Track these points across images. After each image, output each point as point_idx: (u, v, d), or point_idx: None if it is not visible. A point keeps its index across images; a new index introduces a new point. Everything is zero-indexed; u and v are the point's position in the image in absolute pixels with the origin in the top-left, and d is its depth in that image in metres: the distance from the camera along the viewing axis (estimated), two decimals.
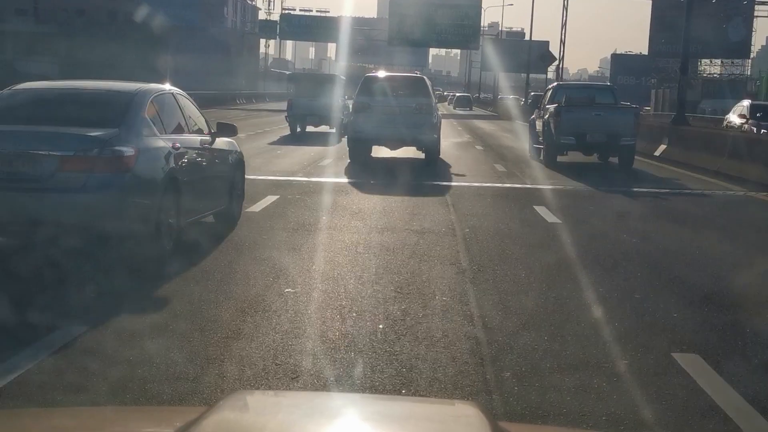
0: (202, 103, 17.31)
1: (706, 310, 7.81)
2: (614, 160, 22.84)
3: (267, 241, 10.34)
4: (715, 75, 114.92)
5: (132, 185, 8.32)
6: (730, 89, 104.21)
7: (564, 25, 51.37)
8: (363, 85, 21.30)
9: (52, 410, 3.52)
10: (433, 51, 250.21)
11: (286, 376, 5.59)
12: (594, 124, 21.71)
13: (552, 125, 21.96)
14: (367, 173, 18.38)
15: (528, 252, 10.24)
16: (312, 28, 71.55)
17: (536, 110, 25.64)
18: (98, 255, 8.31)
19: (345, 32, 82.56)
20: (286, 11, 71.27)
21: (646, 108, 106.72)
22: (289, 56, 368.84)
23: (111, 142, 8.29)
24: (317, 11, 71.91)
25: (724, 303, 8.12)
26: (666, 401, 5.45)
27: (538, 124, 24.11)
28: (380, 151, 22.23)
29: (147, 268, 8.38)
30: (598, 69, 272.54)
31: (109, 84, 10.37)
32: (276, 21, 71.90)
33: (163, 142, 9.05)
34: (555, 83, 30.44)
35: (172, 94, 10.19)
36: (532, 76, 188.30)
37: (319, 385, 5.50)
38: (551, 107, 22.71)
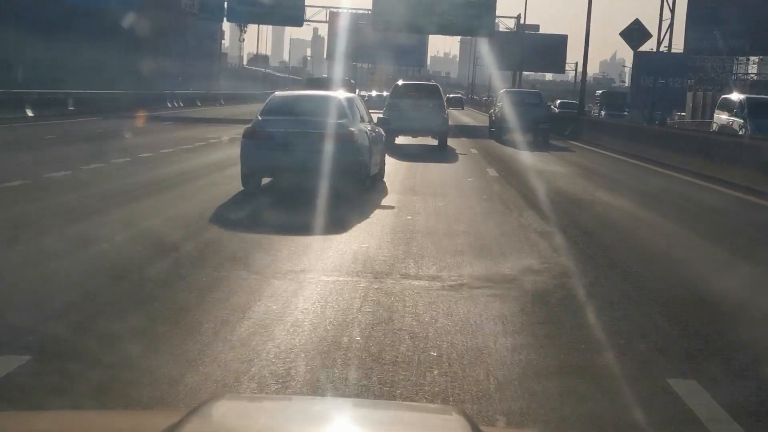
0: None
1: None
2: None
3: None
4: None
5: (355, 149, 14.16)
6: None
7: None
8: (393, 90, 29.59)
9: (32, 414, 3.26)
10: (431, 52, 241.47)
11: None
12: (523, 115, 32.36)
13: (498, 114, 34.57)
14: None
15: None
16: (271, 8, 51.31)
17: (493, 107, 38.94)
18: (338, 187, 13.62)
19: (342, 29, 76.83)
20: None
21: (680, 114, 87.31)
22: (285, 55, 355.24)
23: (344, 125, 14.24)
24: None
25: None
26: None
27: (492, 115, 36.73)
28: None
29: (361, 193, 14.37)
30: (601, 72, 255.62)
31: (329, 92, 18.16)
32: None
33: (363, 126, 15.11)
34: (503, 89, 41.74)
35: (359, 98, 17.20)
36: (535, 77, 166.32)
37: None
38: (499, 104, 35.26)
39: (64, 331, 6.16)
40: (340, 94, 16.53)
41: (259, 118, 14.56)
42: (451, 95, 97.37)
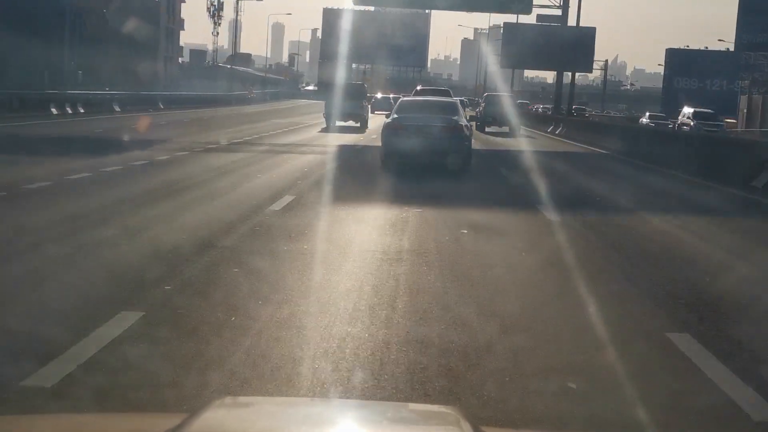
0: None
1: None
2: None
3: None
4: None
5: (463, 137, 18.16)
6: None
7: None
8: (414, 93, 32.53)
9: (32, 417, 3.17)
10: (432, 55, 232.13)
11: None
12: (500, 111, 39.54)
13: (482, 111, 41.81)
14: None
15: None
16: None
17: (477, 106, 47.70)
18: (452, 164, 17.65)
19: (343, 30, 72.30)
20: None
21: (728, 120, 69.06)
22: (285, 57, 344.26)
23: (456, 121, 18.38)
24: None
25: None
26: None
27: (477, 113, 43.50)
28: None
29: (465, 167, 18.02)
30: (608, 75, 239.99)
31: (439, 97, 24.78)
32: None
33: (465, 121, 19.05)
34: (485, 93, 52.01)
35: (461, 101, 23.38)
36: (538, 76, 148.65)
37: None
38: (482, 103, 43.01)
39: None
40: (451, 98, 23.85)
41: (396, 115, 18.72)
42: (456, 98, 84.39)
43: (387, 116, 20.76)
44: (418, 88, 37.91)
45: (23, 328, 5.52)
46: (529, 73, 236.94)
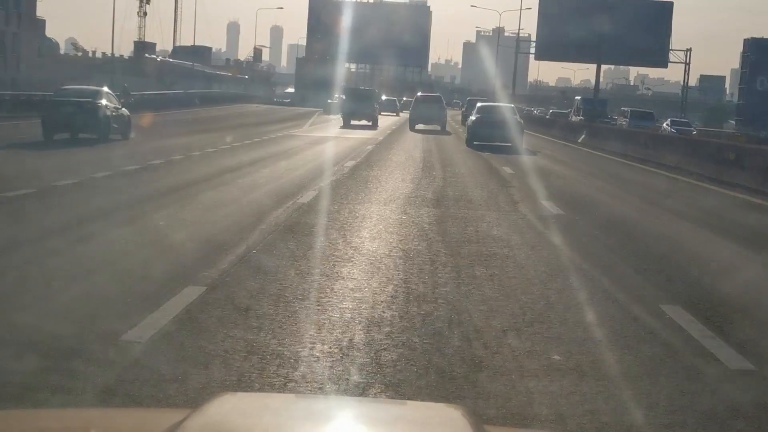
0: None
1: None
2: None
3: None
4: None
5: (521, 129, 29.69)
6: None
7: None
8: (415, 99, 44.29)
9: (34, 412, 3.29)
10: (432, 59, 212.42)
11: None
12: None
13: (466, 113, 48.04)
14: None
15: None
16: None
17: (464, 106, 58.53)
18: (511, 146, 28.46)
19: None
20: None
21: None
22: (284, 60, 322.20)
23: (516, 118, 30.43)
24: None
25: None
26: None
27: (463, 115, 53.37)
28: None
29: (520, 150, 28.21)
30: (614, 79, 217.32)
31: (499, 103, 39.72)
32: None
33: (520, 119, 31.58)
34: (468, 98, 57.59)
35: (513, 107, 33.65)
36: (560, 75, 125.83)
37: None
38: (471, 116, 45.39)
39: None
40: (507, 104, 33.56)
41: (478, 114, 29.87)
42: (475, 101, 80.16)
43: (465, 114, 38.43)
44: (419, 94, 46.93)
45: (279, 192, 13.33)
46: (532, 76, 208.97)
